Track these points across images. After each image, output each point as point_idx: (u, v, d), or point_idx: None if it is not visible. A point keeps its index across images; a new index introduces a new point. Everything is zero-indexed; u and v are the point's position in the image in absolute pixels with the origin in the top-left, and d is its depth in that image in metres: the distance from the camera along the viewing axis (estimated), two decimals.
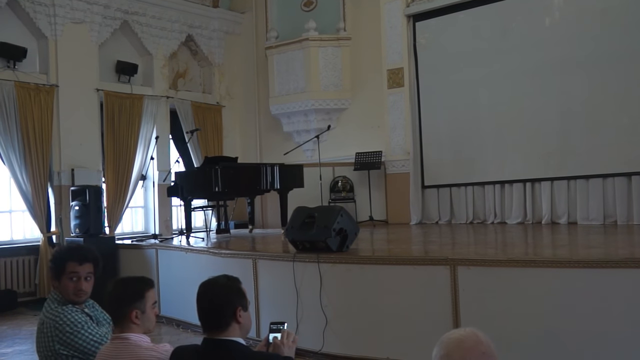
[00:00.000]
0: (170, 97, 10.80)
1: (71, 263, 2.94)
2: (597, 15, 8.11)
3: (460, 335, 1.66)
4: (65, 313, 2.84)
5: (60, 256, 3.01)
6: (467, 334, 1.66)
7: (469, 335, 1.65)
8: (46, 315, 2.89)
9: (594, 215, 8.08)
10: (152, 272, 7.50)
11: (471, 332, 1.67)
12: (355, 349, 5.16)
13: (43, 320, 2.90)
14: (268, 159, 10.69)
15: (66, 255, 3.01)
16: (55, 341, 2.80)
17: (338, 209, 5.62)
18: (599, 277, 4.24)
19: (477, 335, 1.66)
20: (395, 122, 9.97)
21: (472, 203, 9.27)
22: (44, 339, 2.84)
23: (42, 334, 2.86)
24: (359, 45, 10.70)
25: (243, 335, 2.41)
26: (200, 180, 8.03)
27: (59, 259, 2.99)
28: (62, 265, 2.94)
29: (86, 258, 2.98)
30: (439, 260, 4.90)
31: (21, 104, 8.52)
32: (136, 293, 2.64)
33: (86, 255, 3.01)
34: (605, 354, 4.15)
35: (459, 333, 1.67)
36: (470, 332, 1.67)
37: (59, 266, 2.95)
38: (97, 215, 8.20)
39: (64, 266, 2.94)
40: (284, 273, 5.61)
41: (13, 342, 6.36)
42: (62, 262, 2.95)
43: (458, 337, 1.65)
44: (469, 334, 1.66)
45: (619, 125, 7.92)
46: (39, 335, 2.90)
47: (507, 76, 8.87)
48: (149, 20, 10.46)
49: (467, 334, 1.66)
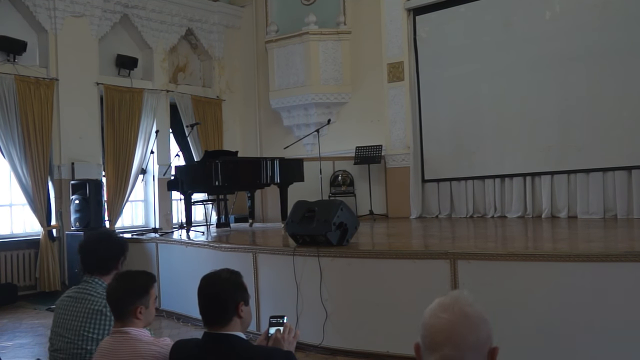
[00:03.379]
0: (170, 91, 10.78)
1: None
2: (598, 9, 8.09)
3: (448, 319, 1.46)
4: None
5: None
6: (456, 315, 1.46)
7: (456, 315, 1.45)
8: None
9: (594, 209, 8.08)
10: (153, 266, 7.50)
11: (459, 312, 1.47)
12: (355, 343, 5.17)
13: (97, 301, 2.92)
14: (268, 153, 10.70)
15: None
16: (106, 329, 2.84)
17: (338, 203, 5.62)
18: (599, 271, 4.25)
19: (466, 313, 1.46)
20: (396, 116, 9.96)
21: (472, 197, 9.28)
22: (99, 318, 2.88)
23: (103, 315, 2.87)
24: (359, 39, 10.68)
25: (243, 329, 2.41)
26: (201, 174, 8.02)
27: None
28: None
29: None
30: (439, 254, 4.90)
31: (21, 97, 8.51)
32: (142, 289, 2.64)
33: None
34: (605, 347, 4.16)
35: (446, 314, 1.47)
36: (458, 311, 1.47)
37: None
38: (97, 209, 8.21)
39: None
40: (284, 267, 5.61)
41: (14, 336, 6.38)
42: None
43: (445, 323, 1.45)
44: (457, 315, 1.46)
45: (619, 119, 7.91)
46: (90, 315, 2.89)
47: (508, 70, 8.86)
48: (149, 13, 10.44)
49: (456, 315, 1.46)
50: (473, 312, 1.47)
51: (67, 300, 3.01)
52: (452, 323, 1.44)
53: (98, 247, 3.14)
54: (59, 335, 2.94)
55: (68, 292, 3.07)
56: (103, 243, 3.16)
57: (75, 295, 2.99)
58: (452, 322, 1.44)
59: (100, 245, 3.15)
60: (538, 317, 4.40)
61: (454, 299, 1.51)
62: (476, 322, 1.45)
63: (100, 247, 3.13)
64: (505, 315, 4.51)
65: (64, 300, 3.03)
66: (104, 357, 2.54)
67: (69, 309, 2.95)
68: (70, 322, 2.91)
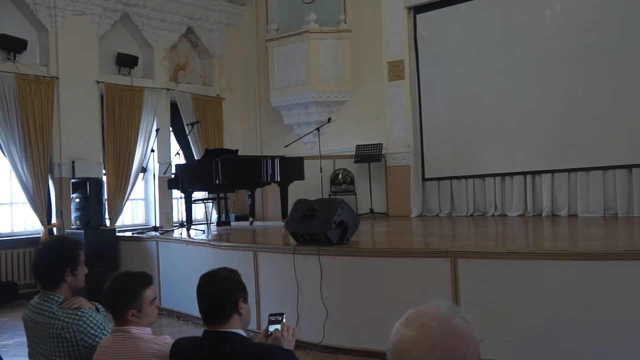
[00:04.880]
0: (171, 90, 10.78)
1: (81, 252, 2.90)
2: (598, 7, 8.08)
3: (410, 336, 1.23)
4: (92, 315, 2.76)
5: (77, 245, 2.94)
6: (418, 334, 1.22)
7: (419, 335, 1.22)
8: (63, 319, 2.72)
9: (594, 207, 8.08)
10: (153, 264, 7.51)
11: (420, 330, 1.22)
12: (356, 341, 5.17)
13: (56, 324, 2.72)
14: (268, 152, 10.69)
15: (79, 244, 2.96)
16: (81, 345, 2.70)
17: (338, 201, 5.63)
18: (599, 270, 4.25)
19: (430, 334, 1.21)
20: (396, 115, 9.95)
21: (473, 195, 9.28)
22: (59, 342, 2.71)
23: (62, 338, 2.70)
24: (360, 37, 10.68)
25: (243, 327, 2.42)
26: (201, 173, 8.02)
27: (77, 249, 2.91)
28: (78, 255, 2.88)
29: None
30: (439, 253, 4.91)
31: (21, 96, 8.51)
32: (131, 293, 2.60)
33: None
34: (606, 345, 4.16)
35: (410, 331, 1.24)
36: (419, 329, 1.23)
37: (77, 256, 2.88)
38: (98, 208, 8.20)
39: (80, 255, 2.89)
40: (285, 265, 5.62)
41: (14, 334, 6.38)
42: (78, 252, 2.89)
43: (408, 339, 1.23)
44: (419, 334, 1.22)
45: (619, 118, 7.91)
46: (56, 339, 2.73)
47: (508, 68, 8.85)
48: (149, 12, 10.44)
49: (418, 334, 1.22)
50: (436, 331, 1.21)
51: (30, 322, 2.83)
52: (411, 340, 1.22)
53: (40, 260, 2.83)
54: (36, 353, 2.85)
55: (29, 309, 2.87)
56: (44, 256, 2.84)
57: (34, 317, 2.80)
58: (412, 339, 1.22)
59: (42, 258, 2.83)
60: (538, 315, 4.40)
61: (420, 313, 1.27)
62: (437, 342, 1.19)
63: (42, 260, 2.83)
64: (505, 314, 4.52)
65: (27, 321, 2.86)
66: (104, 355, 2.55)
67: (33, 332, 2.83)
68: (38, 345, 2.80)
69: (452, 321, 1.23)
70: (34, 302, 2.87)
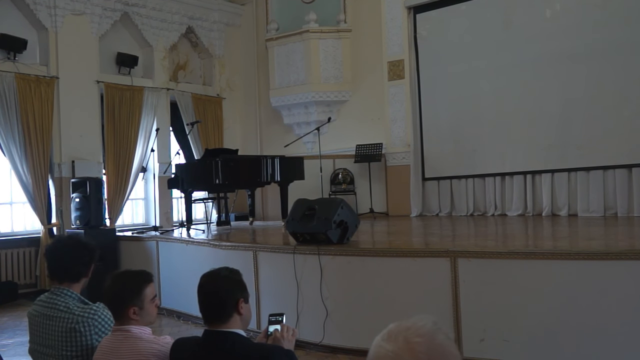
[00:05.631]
0: (171, 89, 10.78)
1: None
2: (598, 7, 8.08)
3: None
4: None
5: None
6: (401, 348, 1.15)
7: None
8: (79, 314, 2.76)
9: (594, 207, 8.08)
10: (153, 264, 7.51)
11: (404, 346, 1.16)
12: (356, 341, 5.17)
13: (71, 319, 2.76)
14: (268, 151, 10.68)
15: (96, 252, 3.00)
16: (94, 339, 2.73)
17: (338, 201, 5.63)
18: (599, 269, 4.25)
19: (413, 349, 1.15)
20: (396, 114, 9.96)
21: (473, 195, 9.28)
22: (74, 336, 2.73)
23: (77, 332, 2.72)
24: (360, 37, 10.67)
25: (244, 327, 2.42)
26: (201, 173, 8.02)
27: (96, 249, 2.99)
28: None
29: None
30: (439, 253, 4.91)
31: (21, 95, 8.51)
32: (132, 290, 2.61)
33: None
34: (605, 345, 4.17)
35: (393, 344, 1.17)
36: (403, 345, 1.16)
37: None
38: (98, 207, 8.20)
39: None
40: (285, 265, 5.62)
41: (14, 334, 6.38)
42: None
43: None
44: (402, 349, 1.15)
45: (619, 117, 7.91)
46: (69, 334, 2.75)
47: (508, 68, 8.86)
48: (149, 11, 10.43)
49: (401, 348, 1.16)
50: (421, 347, 1.16)
51: (39, 317, 2.85)
52: (393, 355, 1.16)
53: (65, 253, 2.92)
54: (39, 352, 2.86)
55: (38, 305, 2.90)
56: (71, 249, 2.94)
57: (45, 312, 2.83)
58: (394, 354, 1.16)
59: (68, 251, 2.93)
60: (538, 315, 4.40)
61: (403, 327, 1.21)
62: (420, 358, 1.14)
63: (67, 253, 2.92)
64: (505, 313, 4.52)
65: (35, 316, 2.88)
66: (105, 355, 2.55)
67: (42, 327, 2.82)
68: (46, 340, 2.80)
69: (436, 337, 1.19)
70: (44, 297, 2.91)
